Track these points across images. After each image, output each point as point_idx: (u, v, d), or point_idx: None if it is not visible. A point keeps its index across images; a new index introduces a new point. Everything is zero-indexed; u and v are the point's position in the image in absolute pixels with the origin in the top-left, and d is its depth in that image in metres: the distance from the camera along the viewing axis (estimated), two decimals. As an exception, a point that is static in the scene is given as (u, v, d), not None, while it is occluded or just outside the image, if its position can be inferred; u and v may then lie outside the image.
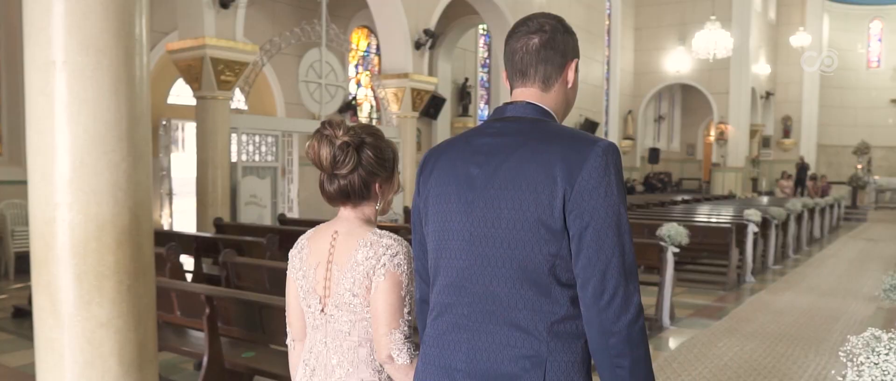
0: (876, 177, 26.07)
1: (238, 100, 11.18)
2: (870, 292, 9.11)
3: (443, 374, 1.69)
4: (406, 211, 10.80)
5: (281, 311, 4.08)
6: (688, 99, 28.67)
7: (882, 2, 29.57)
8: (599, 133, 21.15)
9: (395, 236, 1.96)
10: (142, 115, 3.05)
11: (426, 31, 13.05)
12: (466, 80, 19.17)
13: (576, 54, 1.79)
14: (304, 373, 2.00)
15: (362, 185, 1.94)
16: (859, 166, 26.40)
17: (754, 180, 27.06)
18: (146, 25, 3.09)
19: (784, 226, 12.09)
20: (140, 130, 3.04)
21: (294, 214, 11.42)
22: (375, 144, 1.95)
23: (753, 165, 26.88)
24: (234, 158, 9.77)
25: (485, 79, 20.97)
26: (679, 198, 18.75)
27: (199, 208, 9.49)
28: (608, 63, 23.94)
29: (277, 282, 5.39)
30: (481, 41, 20.53)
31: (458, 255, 1.68)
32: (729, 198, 20.40)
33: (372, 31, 16.17)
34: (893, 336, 2.51)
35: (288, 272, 2.06)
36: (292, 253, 2.05)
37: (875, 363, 2.41)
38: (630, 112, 25.31)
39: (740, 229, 9.81)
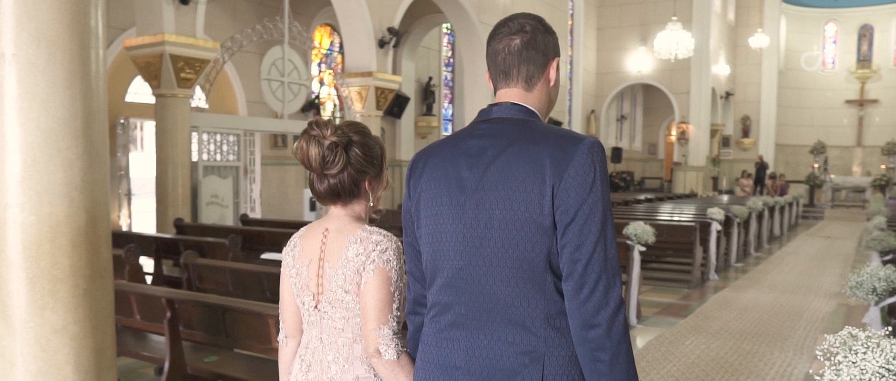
0: (832, 176, 26.65)
1: (198, 98, 10.97)
2: (830, 289, 9.26)
3: (442, 372, 1.74)
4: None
5: (244, 314, 4.01)
6: (649, 99, 28.95)
7: (836, 5, 30.23)
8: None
9: (385, 232, 1.98)
10: (98, 111, 2.92)
11: (390, 30, 12.95)
12: (430, 79, 19.09)
13: (557, 53, 1.84)
14: (300, 369, 2.03)
15: (352, 183, 1.97)
16: (816, 165, 26.95)
17: (715, 179, 27.43)
18: (102, 17, 2.95)
19: (746, 224, 12.24)
20: (96, 126, 2.91)
21: (256, 214, 11.24)
22: (363, 142, 1.98)
23: (714, 164, 27.26)
24: (194, 158, 9.60)
25: (448, 78, 20.91)
26: (642, 197, 18.89)
27: (159, 208, 9.29)
28: (571, 63, 24.06)
29: (240, 284, 5.28)
30: (445, 40, 20.47)
31: (454, 256, 1.73)
32: (690, 197, 20.64)
33: (335, 29, 16.01)
34: (870, 334, 2.50)
35: (282, 270, 2.09)
36: (285, 251, 2.08)
37: (853, 363, 2.39)
38: (593, 112, 25.48)
39: (704, 227, 9.90)
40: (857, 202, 24.47)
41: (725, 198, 18.88)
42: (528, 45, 1.77)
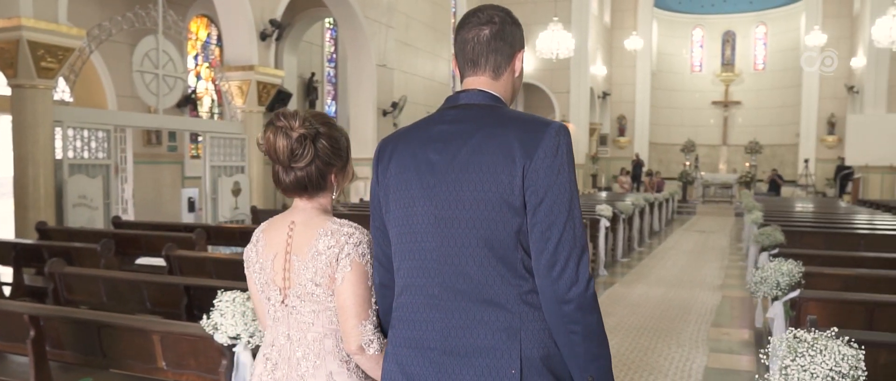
0: (702, 173, 28.00)
1: (62, 90, 10.08)
2: (713, 282, 9.59)
3: (415, 352, 1.76)
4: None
5: (124, 330, 3.55)
6: (531, 98, 29.40)
7: (702, 11, 31.88)
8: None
9: (356, 224, 1.96)
10: (-57, 96, 2.44)
11: (272, 22, 12.43)
12: (313, 74, 18.55)
13: (522, 45, 1.91)
14: (266, 368, 1.98)
15: (319, 175, 1.94)
16: (687, 163, 28.25)
17: (594, 177, 28.24)
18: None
19: (630, 220, 12.53)
20: (-59, 115, 2.43)
21: (129, 216, 10.47)
22: (329, 134, 1.95)
23: (592, 162, 28.05)
24: (58, 155, 8.81)
25: (332, 74, 20.43)
26: (527, 194, 19.09)
27: (18, 211, 8.51)
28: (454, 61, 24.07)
29: (116, 294, 4.78)
30: (328, 35, 19.98)
31: (425, 238, 1.76)
32: (572, 194, 21.03)
33: (212, 19, 15.27)
34: (817, 336, 2.41)
35: (245, 269, 2.05)
36: (248, 247, 2.05)
37: (803, 368, 2.28)
38: (476, 110, 25.62)
39: (593, 223, 10.02)
40: (725, 198, 25.83)
41: (604, 195, 19.40)
42: (496, 36, 1.83)
